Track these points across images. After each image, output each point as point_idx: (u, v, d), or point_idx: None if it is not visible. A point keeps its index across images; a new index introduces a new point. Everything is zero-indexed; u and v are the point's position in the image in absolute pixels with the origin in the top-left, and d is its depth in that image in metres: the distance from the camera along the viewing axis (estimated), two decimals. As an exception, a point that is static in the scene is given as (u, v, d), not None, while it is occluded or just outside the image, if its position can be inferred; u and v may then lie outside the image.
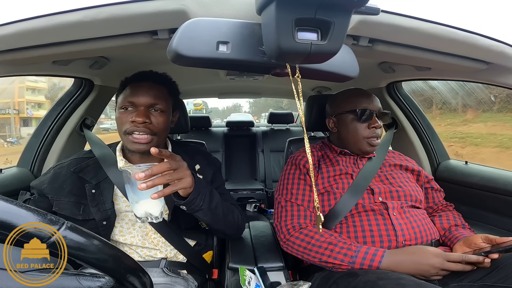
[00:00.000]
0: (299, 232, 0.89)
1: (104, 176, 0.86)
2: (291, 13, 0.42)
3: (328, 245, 0.83)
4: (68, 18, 0.58)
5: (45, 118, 1.23)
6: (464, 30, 0.69)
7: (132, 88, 0.84)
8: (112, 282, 0.40)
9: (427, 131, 1.40)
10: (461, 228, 0.94)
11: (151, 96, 0.83)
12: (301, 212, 0.93)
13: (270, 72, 0.59)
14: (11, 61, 0.73)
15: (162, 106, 0.84)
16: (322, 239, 0.85)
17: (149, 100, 0.82)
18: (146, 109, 0.82)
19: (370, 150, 1.00)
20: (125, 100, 0.83)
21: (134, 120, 0.80)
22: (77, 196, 0.83)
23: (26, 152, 1.20)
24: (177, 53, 0.48)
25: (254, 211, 2.13)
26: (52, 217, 0.38)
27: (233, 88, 2.23)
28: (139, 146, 0.81)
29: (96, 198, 0.84)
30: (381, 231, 0.86)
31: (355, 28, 0.62)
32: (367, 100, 1.00)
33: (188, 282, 0.86)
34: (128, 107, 0.83)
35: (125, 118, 0.82)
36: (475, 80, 0.97)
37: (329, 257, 0.82)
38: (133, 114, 0.81)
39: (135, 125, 0.80)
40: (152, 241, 0.87)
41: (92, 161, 0.90)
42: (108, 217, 0.83)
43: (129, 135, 0.82)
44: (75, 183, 0.85)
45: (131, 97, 0.82)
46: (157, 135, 0.83)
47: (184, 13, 0.55)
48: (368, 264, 0.78)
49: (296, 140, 1.37)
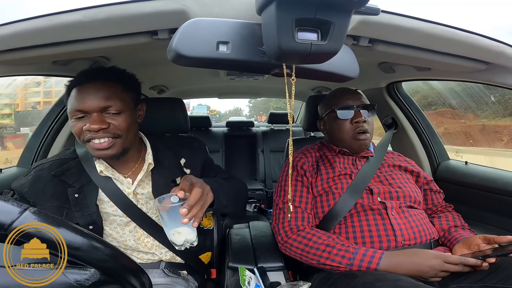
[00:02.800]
0: (296, 235, 0.89)
1: (88, 179, 0.81)
2: (291, 13, 0.42)
3: (326, 247, 0.83)
4: (68, 18, 0.58)
5: (45, 118, 1.23)
6: (464, 30, 0.69)
7: (78, 93, 0.74)
8: (98, 274, 0.39)
9: (427, 131, 1.40)
10: (460, 229, 0.93)
11: (101, 99, 0.73)
12: (299, 214, 0.93)
13: (270, 72, 0.59)
14: (11, 61, 0.73)
15: (118, 107, 0.75)
16: (320, 241, 0.85)
17: (99, 104, 0.73)
18: (100, 113, 0.74)
19: (358, 146, 0.99)
20: (73, 109, 0.74)
21: (88, 128, 0.73)
22: (59, 201, 0.78)
23: (26, 152, 1.20)
24: (177, 53, 0.48)
25: (254, 211, 2.13)
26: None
27: (233, 88, 2.24)
28: (102, 152, 0.75)
29: (80, 202, 0.79)
30: (380, 231, 0.86)
31: (355, 28, 0.62)
32: (347, 96, 1.01)
33: (188, 282, 0.86)
34: (78, 116, 0.74)
35: (79, 127, 0.74)
36: (475, 80, 0.97)
37: (327, 259, 0.82)
38: (87, 121, 0.73)
39: (92, 133, 0.73)
40: (145, 245, 0.85)
41: (74, 162, 0.83)
42: (94, 221, 0.79)
43: (88, 142, 0.75)
44: (57, 187, 0.79)
45: (78, 104, 0.73)
46: (121, 137, 0.76)
47: (184, 13, 0.55)
48: (366, 266, 0.77)
49: (296, 140, 1.37)
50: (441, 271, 0.74)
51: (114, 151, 0.76)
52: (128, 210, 0.82)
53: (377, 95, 1.41)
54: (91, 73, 0.78)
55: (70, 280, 0.37)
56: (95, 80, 0.75)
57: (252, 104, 25.54)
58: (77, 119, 0.75)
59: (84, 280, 0.38)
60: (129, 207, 0.82)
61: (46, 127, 1.22)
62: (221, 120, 12.09)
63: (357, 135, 0.98)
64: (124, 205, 0.82)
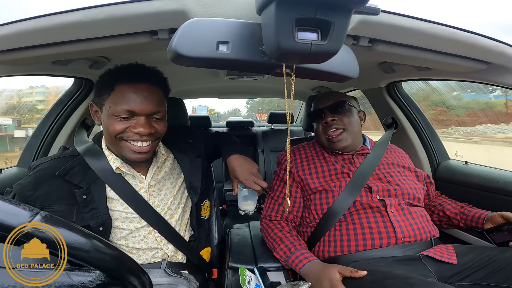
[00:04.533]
0: (266, 223, 1.01)
1: (94, 177, 0.77)
2: (291, 13, 0.42)
3: (279, 240, 0.92)
4: (68, 18, 0.58)
5: (45, 118, 1.23)
6: (464, 30, 0.69)
7: (129, 91, 0.72)
8: (103, 276, 0.40)
9: (427, 131, 1.40)
10: (469, 207, 1.00)
11: (155, 103, 0.74)
12: (275, 206, 1.03)
13: (270, 72, 0.59)
14: (11, 61, 0.73)
15: (162, 113, 0.78)
16: (278, 234, 0.94)
17: (153, 108, 0.74)
18: (148, 117, 0.74)
19: (335, 147, 1.01)
20: (123, 108, 0.72)
21: (138, 132, 0.73)
22: (67, 202, 0.74)
23: (26, 152, 1.20)
24: (177, 53, 0.48)
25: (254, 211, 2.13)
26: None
27: (233, 88, 2.23)
28: (141, 156, 0.76)
29: (89, 203, 0.76)
30: (380, 228, 0.86)
31: (355, 28, 0.62)
32: (319, 101, 1.07)
33: (190, 282, 0.86)
34: (125, 116, 0.73)
35: (122, 127, 0.73)
36: (475, 80, 0.97)
37: (274, 251, 0.92)
38: (133, 123, 0.73)
39: (137, 135, 0.74)
40: (155, 240, 0.84)
41: (77, 161, 0.79)
42: (104, 222, 0.76)
43: (126, 141, 0.74)
44: (63, 188, 0.75)
45: (130, 105, 0.72)
46: (159, 139, 0.80)
47: (184, 13, 0.55)
48: (294, 266, 0.86)
49: (296, 140, 1.37)
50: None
51: (150, 154, 0.79)
52: (139, 206, 0.81)
53: (377, 95, 1.41)
54: (142, 73, 0.76)
55: (74, 282, 0.38)
56: (146, 80, 0.74)
57: (249, 105, 28.01)
58: (122, 119, 0.73)
59: (88, 282, 0.38)
60: (140, 204, 0.81)
61: (46, 127, 1.21)
62: (220, 120, 12.49)
63: (329, 136, 1.00)
64: (135, 202, 0.80)
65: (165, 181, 0.89)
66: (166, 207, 0.87)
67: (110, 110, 0.74)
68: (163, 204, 0.86)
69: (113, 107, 0.73)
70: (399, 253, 0.84)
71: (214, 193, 1.12)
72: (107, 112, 0.74)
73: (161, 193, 0.87)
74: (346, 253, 0.88)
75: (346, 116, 1.01)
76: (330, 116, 1.00)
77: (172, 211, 0.88)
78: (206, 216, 1.01)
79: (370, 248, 0.85)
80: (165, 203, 0.87)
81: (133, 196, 0.80)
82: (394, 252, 0.84)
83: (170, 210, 0.88)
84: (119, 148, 0.77)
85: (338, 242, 0.90)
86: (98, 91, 0.77)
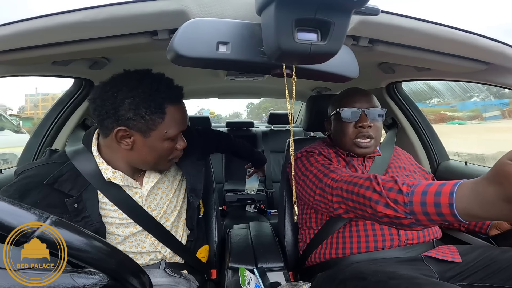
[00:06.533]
0: (339, 187, 0.73)
1: (85, 184, 0.73)
2: (291, 14, 0.42)
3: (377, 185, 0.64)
4: (68, 19, 0.58)
5: (45, 118, 1.23)
6: (464, 31, 0.69)
7: (177, 113, 0.74)
8: (107, 279, 0.40)
9: (427, 132, 1.40)
10: None
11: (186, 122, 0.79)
12: (326, 178, 0.80)
13: (270, 73, 0.59)
14: (11, 61, 0.73)
15: None
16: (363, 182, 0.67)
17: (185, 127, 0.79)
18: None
19: (359, 152, 0.95)
20: (174, 131, 0.75)
21: (182, 148, 0.80)
22: (57, 209, 0.70)
23: (26, 152, 1.20)
24: (177, 54, 0.48)
25: (254, 212, 2.13)
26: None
27: (233, 88, 2.23)
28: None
29: (81, 212, 0.72)
30: (384, 230, 0.86)
31: (355, 28, 0.62)
32: (355, 97, 0.96)
33: (190, 282, 0.86)
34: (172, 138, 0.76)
35: (172, 146, 0.77)
36: (475, 80, 0.97)
37: (381, 204, 0.61)
38: (176, 141, 0.78)
39: (177, 151, 0.80)
40: (152, 243, 0.83)
41: (66, 167, 0.73)
42: (97, 230, 0.73)
43: (170, 161, 0.80)
44: (52, 196, 0.70)
45: (180, 127, 0.76)
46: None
47: (184, 13, 0.55)
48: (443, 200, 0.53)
49: (296, 140, 1.36)
50: None
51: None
52: (134, 212, 0.78)
53: (377, 95, 1.40)
54: (179, 90, 0.78)
55: (78, 285, 0.38)
56: (181, 98, 0.79)
57: (249, 108, 28.91)
58: (169, 141, 0.75)
59: (92, 285, 0.38)
60: (135, 209, 0.79)
61: (46, 127, 1.21)
62: (220, 122, 12.83)
63: (358, 140, 0.93)
64: (130, 208, 0.78)
65: (159, 184, 0.86)
66: (162, 211, 0.85)
67: (167, 135, 0.73)
68: (158, 208, 0.84)
69: (170, 131, 0.74)
70: (401, 254, 0.84)
71: (214, 193, 1.12)
72: (161, 137, 0.73)
73: (157, 197, 0.85)
74: (348, 255, 0.87)
75: (380, 125, 0.97)
76: (368, 121, 0.92)
77: (168, 214, 0.87)
78: (201, 214, 1.01)
79: (372, 250, 0.85)
80: (161, 207, 0.85)
81: (127, 203, 0.77)
82: (396, 254, 0.84)
83: (166, 214, 0.86)
84: (161, 166, 0.81)
85: (341, 244, 0.89)
86: (140, 116, 0.69)
